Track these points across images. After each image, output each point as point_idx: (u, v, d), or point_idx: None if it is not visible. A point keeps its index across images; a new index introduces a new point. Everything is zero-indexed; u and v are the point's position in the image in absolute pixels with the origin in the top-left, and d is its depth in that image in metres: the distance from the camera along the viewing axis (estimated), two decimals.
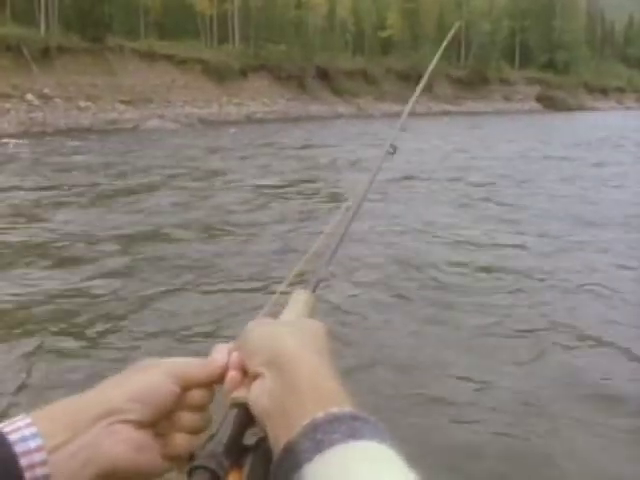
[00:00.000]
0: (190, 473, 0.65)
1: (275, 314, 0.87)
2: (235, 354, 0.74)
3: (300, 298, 0.91)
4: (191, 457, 0.69)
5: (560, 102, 79.00)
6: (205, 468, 0.65)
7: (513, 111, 70.36)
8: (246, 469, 0.70)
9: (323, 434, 0.57)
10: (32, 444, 0.64)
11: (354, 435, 0.56)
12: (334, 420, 0.58)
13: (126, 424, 0.70)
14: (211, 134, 32.91)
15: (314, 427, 0.58)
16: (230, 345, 0.77)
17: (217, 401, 0.77)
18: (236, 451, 0.70)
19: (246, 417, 0.70)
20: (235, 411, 0.71)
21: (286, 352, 0.67)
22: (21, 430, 0.65)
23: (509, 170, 16.37)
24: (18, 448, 0.63)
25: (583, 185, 13.54)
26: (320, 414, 0.59)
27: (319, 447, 0.56)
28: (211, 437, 0.71)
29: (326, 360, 0.68)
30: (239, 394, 0.71)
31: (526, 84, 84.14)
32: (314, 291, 0.96)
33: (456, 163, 18.11)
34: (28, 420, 0.66)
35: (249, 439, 0.71)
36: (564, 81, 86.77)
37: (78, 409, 0.70)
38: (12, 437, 0.64)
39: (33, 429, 0.65)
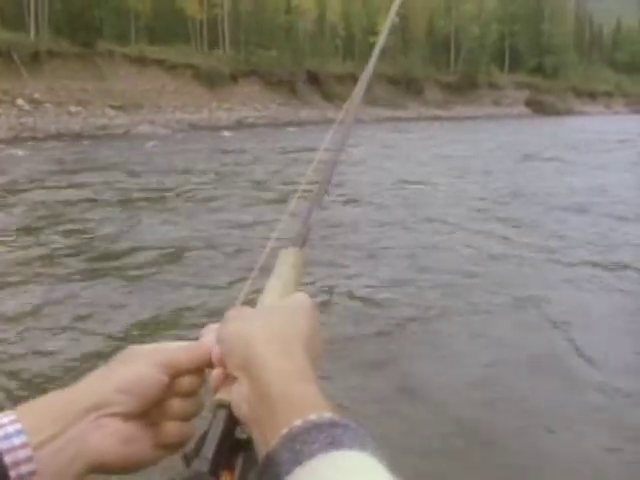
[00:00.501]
0: None
1: (263, 280, 0.87)
2: (217, 350, 0.71)
3: (288, 259, 0.91)
4: (185, 458, 0.67)
5: (549, 106, 79.39)
6: None
7: (502, 115, 70.66)
8: (237, 471, 0.68)
9: (302, 444, 0.55)
10: (16, 441, 0.63)
11: (334, 444, 0.54)
12: (312, 428, 0.56)
13: (114, 417, 0.69)
14: (215, 139, 32.87)
15: (292, 437, 0.56)
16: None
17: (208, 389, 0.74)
18: (226, 453, 0.68)
19: (234, 417, 0.68)
20: (222, 412, 0.69)
21: (256, 359, 0.65)
22: (5, 427, 0.63)
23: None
24: (2, 445, 0.62)
25: None
26: (298, 422, 0.57)
27: (298, 458, 0.54)
28: (201, 439, 0.68)
29: (300, 360, 0.65)
30: (224, 395, 0.69)
31: (515, 88, 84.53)
32: (302, 247, 0.95)
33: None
34: (13, 416, 0.65)
35: (240, 436, 0.69)
36: (553, 85, 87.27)
37: (65, 403, 0.68)
38: None
39: (17, 425, 0.64)
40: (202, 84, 51.89)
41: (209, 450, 0.67)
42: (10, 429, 0.64)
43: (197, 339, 0.76)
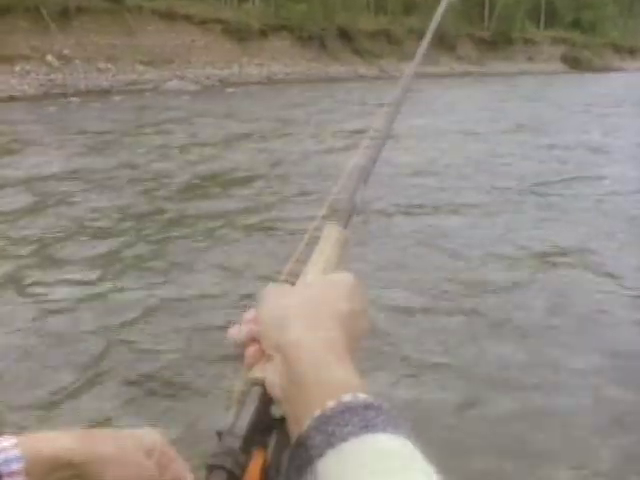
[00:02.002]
0: (209, 470, 0.64)
1: (307, 255, 0.85)
2: (253, 327, 0.71)
3: (331, 236, 0.87)
4: (218, 434, 0.67)
5: (586, 62, 77.45)
6: (222, 468, 0.63)
7: (537, 72, 69.07)
8: (270, 449, 0.68)
9: (335, 426, 0.54)
10: (15, 466, 0.64)
11: (367, 427, 0.54)
12: (346, 410, 0.55)
13: None
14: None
15: (325, 419, 0.55)
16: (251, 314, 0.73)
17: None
18: (259, 431, 0.68)
19: (268, 395, 0.68)
20: (257, 389, 0.69)
21: (290, 339, 0.64)
22: (6, 451, 0.65)
23: None
24: (2, 469, 0.64)
25: None
26: (331, 404, 0.56)
27: (331, 441, 0.53)
28: (235, 416, 0.68)
29: (336, 341, 0.64)
30: (259, 373, 0.68)
31: (551, 44, 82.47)
32: (346, 226, 0.90)
33: None
34: (14, 440, 0.67)
35: (274, 414, 0.69)
36: (590, 41, 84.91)
37: (60, 450, 0.68)
38: None
39: (17, 451, 0.66)
40: (232, 39, 51.27)
41: (242, 427, 0.67)
42: (11, 454, 0.65)
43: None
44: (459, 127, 16.52)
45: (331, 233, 0.87)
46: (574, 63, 77.25)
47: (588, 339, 5.15)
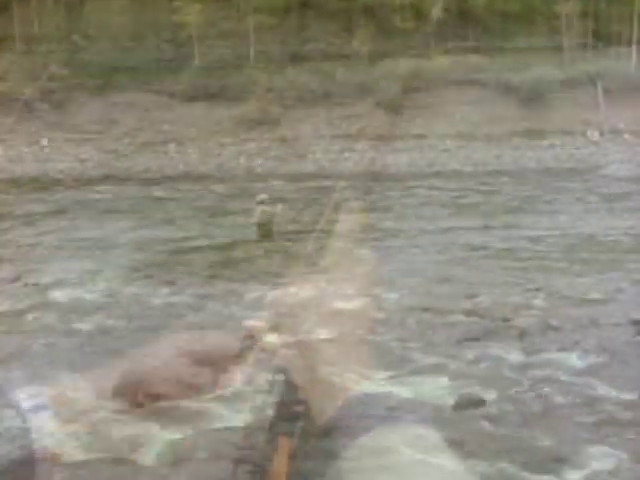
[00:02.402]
0: (235, 463, 0.66)
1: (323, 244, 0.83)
2: (272, 319, 0.69)
3: (351, 212, 0.86)
4: (245, 428, 0.68)
5: (615, 36, 76.03)
6: (248, 461, 0.65)
7: (564, 46, 67.91)
8: (295, 438, 0.70)
9: (358, 418, 0.55)
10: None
11: (390, 416, 0.55)
12: (365, 404, 0.56)
13: None
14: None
15: (345, 411, 0.56)
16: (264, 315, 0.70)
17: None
18: (285, 420, 0.69)
19: (293, 383, 0.68)
20: (280, 379, 0.69)
21: (304, 340, 0.63)
22: (35, 398, 0.69)
23: None
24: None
25: None
26: (349, 397, 0.57)
27: (355, 431, 0.54)
28: (261, 407, 0.70)
29: (350, 334, 0.62)
30: (283, 362, 0.68)
31: (578, 17, 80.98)
32: (364, 200, 0.86)
33: None
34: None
35: (298, 402, 0.70)
36: (618, 12, 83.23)
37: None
38: None
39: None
40: (255, 17, 50.88)
41: (267, 419, 0.70)
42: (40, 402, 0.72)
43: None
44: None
45: (350, 209, 0.85)
46: (601, 36, 75.89)
47: None
